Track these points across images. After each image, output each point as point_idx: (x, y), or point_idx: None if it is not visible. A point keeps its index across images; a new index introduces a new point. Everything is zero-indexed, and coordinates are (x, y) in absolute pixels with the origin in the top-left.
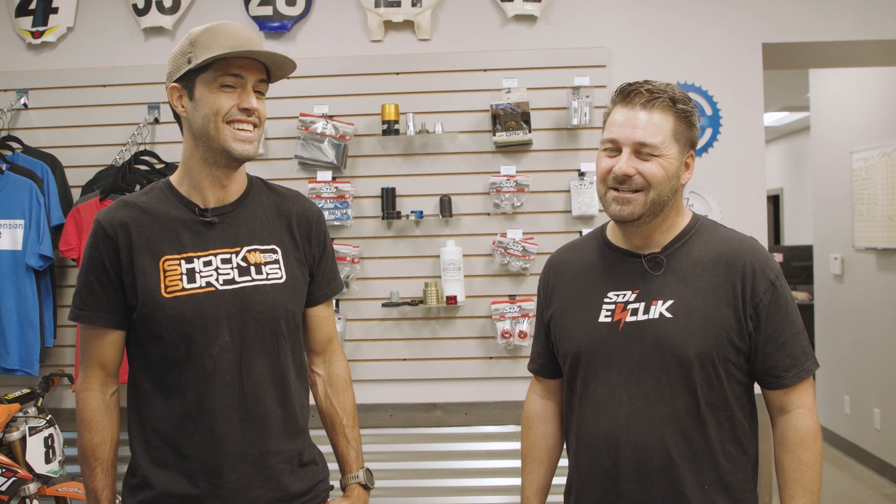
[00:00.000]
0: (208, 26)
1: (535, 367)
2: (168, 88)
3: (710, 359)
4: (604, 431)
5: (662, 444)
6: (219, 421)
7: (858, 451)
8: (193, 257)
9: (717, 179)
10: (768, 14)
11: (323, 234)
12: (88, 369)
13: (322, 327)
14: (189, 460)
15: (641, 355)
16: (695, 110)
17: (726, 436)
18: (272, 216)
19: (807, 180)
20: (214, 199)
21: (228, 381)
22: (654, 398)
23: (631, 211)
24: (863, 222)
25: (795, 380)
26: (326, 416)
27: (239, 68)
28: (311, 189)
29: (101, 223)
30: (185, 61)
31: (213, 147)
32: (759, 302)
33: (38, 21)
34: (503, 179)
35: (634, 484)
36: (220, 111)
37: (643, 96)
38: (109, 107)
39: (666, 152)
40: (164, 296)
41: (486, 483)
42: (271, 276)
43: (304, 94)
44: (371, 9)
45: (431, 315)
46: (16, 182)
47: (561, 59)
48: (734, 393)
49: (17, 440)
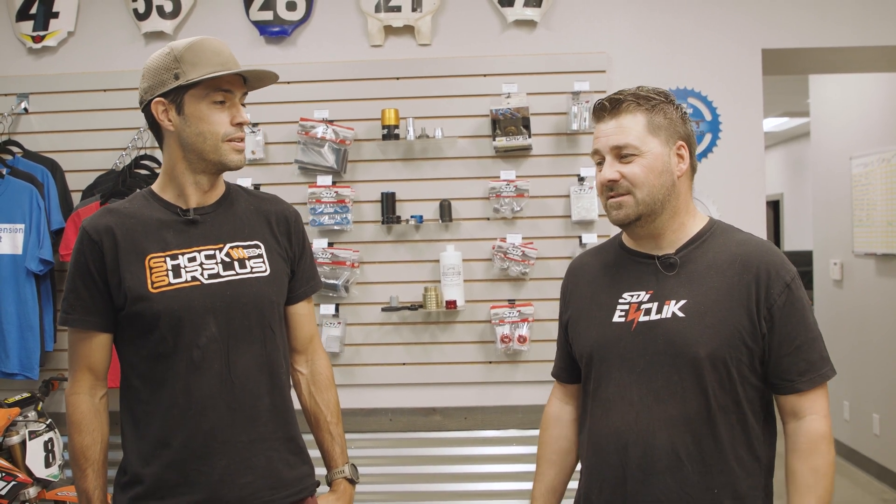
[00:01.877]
0: (190, 43)
1: (555, 371)
2: (153, 102)
3: (721, 359)
4: (613, 430)
5: (671, 444)
6: (207, 410)
7: (858, 456)
8: (178, 254)
9: (717, 184)
10: (768, 20)
11: (301, 233)
12: (77, 373)
13: (303, 325)
14: (178, 450)
15: (653, 354)
16: (669, 100)
17: (738, 440)
18: (252, 215)
19: (807, 186)
20: (197, 202)
21: (216, 371)
22: (664, 398)
23: (626, 213)
24: (862, 228)
25: (810, 385)
26: (311, 414)
27: (229, 84)
28: (311, 193)
29: (86, 229)
30: (171, 77)
31: (207, 160)
32: (774, 304)
33: (38, 25)
34: (503, 184)
35: (641, 485)
36: (219, 132)
37: (607, 107)
38: (110, 111)
39: (645, 149)
40: (151, 291)
41: (486, 487)
42: (255, 270)
43: (305, 98)
44: (371, 14)
45: (431, 319)
46: (16, 186)
47: (561, 65)
48: (747, 396)
49: (17, 444)
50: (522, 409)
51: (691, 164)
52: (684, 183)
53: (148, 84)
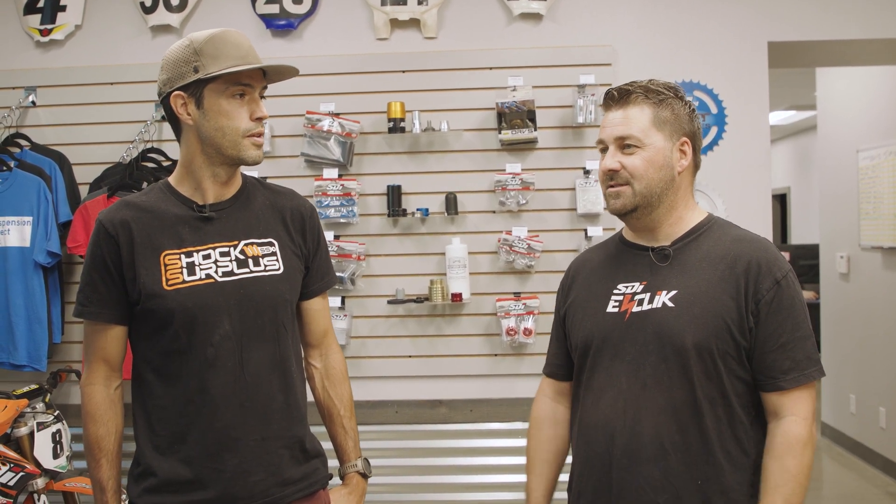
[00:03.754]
0: (210, 35)
1: (549, 369)
2: (172, 95)
3: (707, 349)
4: (602, 418)
5: (656, 433)
6: (220, 407)
7: (864, 449)
8: (193, 251)
9: (722, 177)
10: (774, 13)
11: (317, 229)
12: (93, 364)
13: (318, 320)
14: (191, 446)
15: (643, 344)
16: (677, 95)
17: (725, 433)
18: (267, 211)
19: (814, 179)
20: (213, 196)
21: (229, 369)
22: (651, 386)
23: (622, 203)
24: (869, 221)
25: (793, 384)
26: (324, 408)
27: (249, 78)
28: (318, 186)
29: (102, 223)
30: (191, 70)
31: (225, 154)
32: (762, 299)
33: (46, 19)
34: (508, 177)
35: (626, 472)
36: (239, 128)
37: (615, 97)
38: (117, 104)
39: (648, 142)
40: (165, 288)
41: (491, 479)
42: (269, 268)
43: (311, 91)
44: (377, 7)
45: (437, 312)
46: (24, 179)
47: (566, 58)
48: (735, 390)
49: (26, 435)
50: (527, 402)
51: (694, 161)
52: (685, 178)
53: (167, 76)
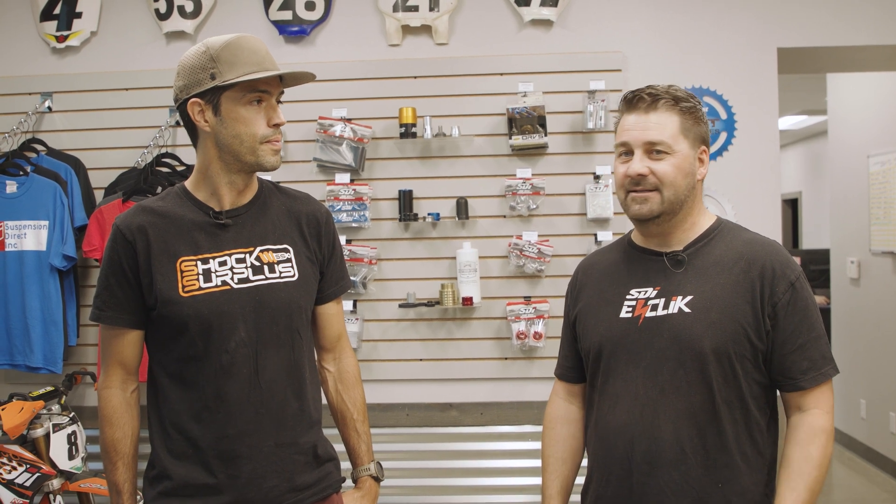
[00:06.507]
0: (227, 41)
1: (560, 371)
2: (188, 102)
3: (726, 354)
4: (620, 424)
5: (676, 437)
6: (235, 414)
7: (874, 454)
8: (209, 258)
9: (732, 182)
10: (783, 19)
11: (332, 234)
12: (109, 368)
13: (332, 324)
14: (206, 452)
15: (659, 349)
16: (699, 105)
17: (742, 435)
18: (283, 217)
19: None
20: (230, 202)
21: (245, 376)
22: (669, 391)
23: (650, 208)
24: (879, 226)
25: (812, 383)
26: (337, 412)
27: (266, 84)
28: (330, 191)
29: (119, 227)
30: (208, 77)
31: (243, 161)
32: (778, 301)
33: (62, 25)
34: (519, 182)
35: (647, 477)
36: (256, 134)
37: (646, 100)
38: (132, 110)
39: (676, 149)
40: (181, 295)
41: (501, 482)
42: (284, 275)
43: (323, 97)
44: (389, 13)
45: (447, 316)
46: (40, 184)
47: (577, 64)
48: (751, 392)
49: (41, 437)
50: (538, 405)
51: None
52: (700, 185)
53: (183, 83)
